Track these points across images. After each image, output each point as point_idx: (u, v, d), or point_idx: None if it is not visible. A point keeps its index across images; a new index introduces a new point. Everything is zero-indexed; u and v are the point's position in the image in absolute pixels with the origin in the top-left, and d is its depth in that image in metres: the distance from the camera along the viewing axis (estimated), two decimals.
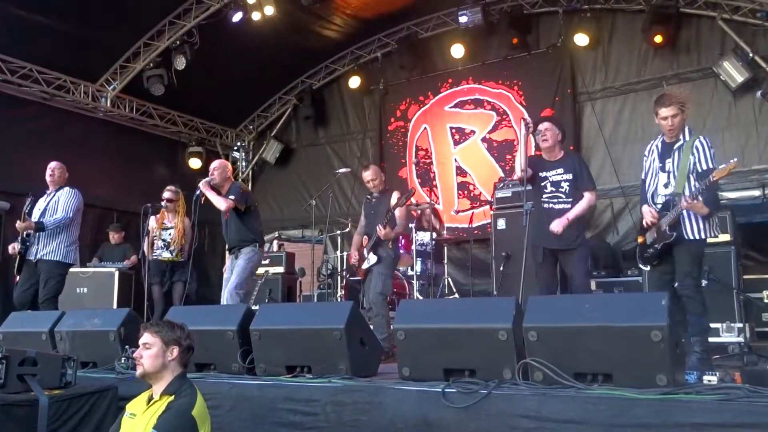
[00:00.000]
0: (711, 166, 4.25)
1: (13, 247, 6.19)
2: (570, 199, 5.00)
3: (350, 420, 3.54)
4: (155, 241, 7.33)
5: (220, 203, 5.99)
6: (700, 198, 4.15)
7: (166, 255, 7.28)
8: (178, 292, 7.25)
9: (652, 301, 3.21)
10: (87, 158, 9.59)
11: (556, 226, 4.87)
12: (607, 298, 4.60)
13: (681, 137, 4.38)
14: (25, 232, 6.10)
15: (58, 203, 6.24)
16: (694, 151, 4.28)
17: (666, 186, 4.40)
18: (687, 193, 4.22)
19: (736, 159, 4.13)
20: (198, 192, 6.09)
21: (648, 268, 4.65)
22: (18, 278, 6.20)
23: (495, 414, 3.18)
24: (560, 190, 5.02)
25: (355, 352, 3.89)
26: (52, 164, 6.44)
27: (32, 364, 3.66)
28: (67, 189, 6.35)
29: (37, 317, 5.49)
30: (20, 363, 3.61)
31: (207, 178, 6.11)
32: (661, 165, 4.43)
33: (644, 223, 4.50)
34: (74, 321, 5.01)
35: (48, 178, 6.38)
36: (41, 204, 6.35)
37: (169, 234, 7.32)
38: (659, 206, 4.43)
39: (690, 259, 4.30)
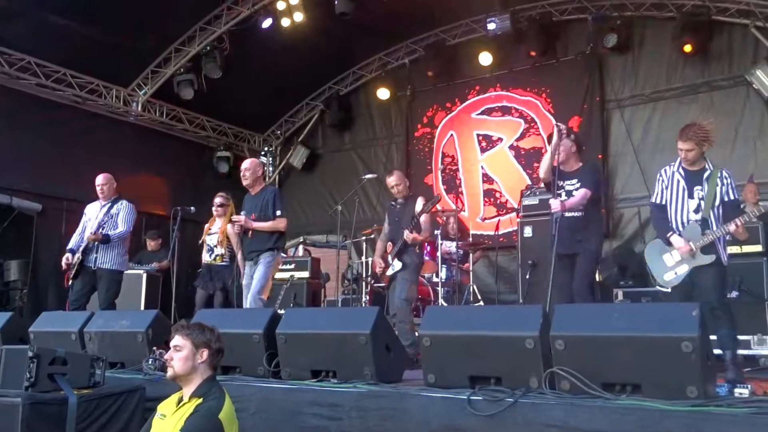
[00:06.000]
0: (737, 197, 4.56)
1: (67, 258, 6.39)
2: (582, 209, 5.03)
3: (374, 425, 3.53)
4: (205, 246, 7.53)
5: (278, 225, 5.91)
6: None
7: (207, 258, 7.46)
8: (218, 300, 7.30)
9: (683, 312, 3.15)
10: (118, 161, 9.71)
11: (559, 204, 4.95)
12: (636, 307, 4.51)
13: (706, 166, 4.51)
14: (87, 243, 6.34)
15: (117, 216, 6.48)
16: (723, 180, 4.44)
17: (696, 212, 4.51)
18: (713, 219, 4.43)
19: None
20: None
21: (670, 289, 4.69)
22: (71, 282, 6.40)
23: (521, 423, 3.15)
24: None
25: (380, 358, 3.88)
26: (100, 179, 6.59)
27: (62, 364, 3.72)
28: (125, 203, 6.58)
29: (67, 317, 5.58)
30: (50, 362, 3.67)
31: (237, 221, 5.95)
32: (689, 192, 4.53)
33: (679, 252, 4.50)
34: (103, 322, 5.09)
35: (99, 194, 6.57)
36: (96, 213, 6.54)
37: (213, 239, 7.47)
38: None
39: (720, 278, 4.45)
